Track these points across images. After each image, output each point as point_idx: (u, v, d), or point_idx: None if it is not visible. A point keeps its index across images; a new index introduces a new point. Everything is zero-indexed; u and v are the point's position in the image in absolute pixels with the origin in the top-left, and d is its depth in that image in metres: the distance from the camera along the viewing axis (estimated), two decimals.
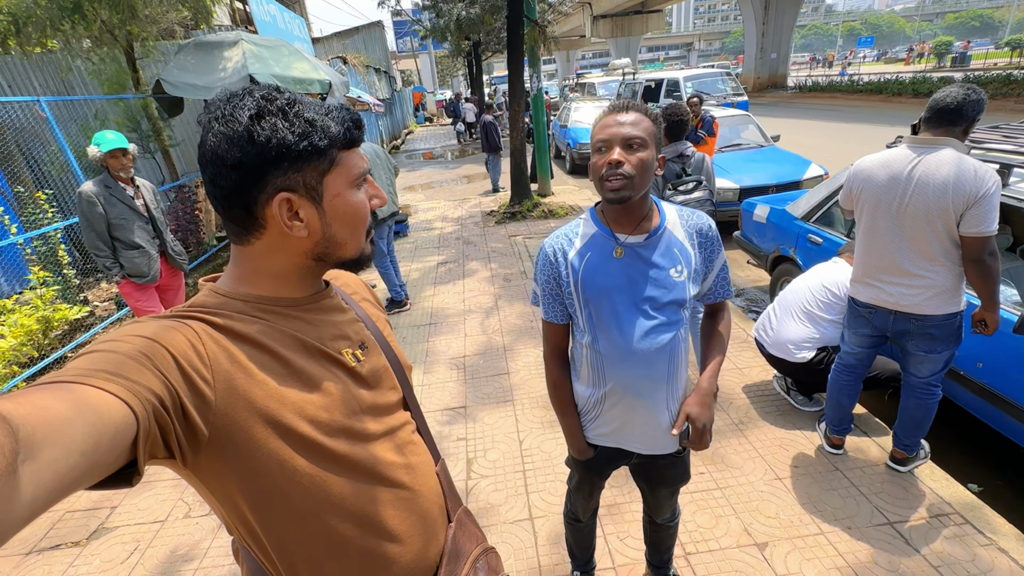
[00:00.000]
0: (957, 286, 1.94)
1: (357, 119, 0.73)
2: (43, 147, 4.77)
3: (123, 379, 0.51)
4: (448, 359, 3.66)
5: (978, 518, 2.04)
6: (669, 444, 1.36)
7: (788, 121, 15.18)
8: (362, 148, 4.38)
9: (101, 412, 0.47)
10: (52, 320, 3.42)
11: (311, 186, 0.68)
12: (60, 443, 0.42)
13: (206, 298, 0.70)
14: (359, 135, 0.73)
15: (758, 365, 3.19)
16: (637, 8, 33.32)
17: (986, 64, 26.68)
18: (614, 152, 1.13)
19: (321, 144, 0.67)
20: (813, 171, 5.83)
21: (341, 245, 0.73)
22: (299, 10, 17.95)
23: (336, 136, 0.69)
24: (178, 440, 0.57)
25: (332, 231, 0.72)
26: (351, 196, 0.72)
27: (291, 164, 0.66)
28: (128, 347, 0.56)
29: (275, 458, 0.65)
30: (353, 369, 0.77)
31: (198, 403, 0.59)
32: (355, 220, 0.73)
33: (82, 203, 2.86)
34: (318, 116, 0.67)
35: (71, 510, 2.53)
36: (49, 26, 4.72)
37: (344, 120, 0.70)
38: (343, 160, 0.71)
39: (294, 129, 0.65)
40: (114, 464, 0.49)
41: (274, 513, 0.68)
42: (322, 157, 0.68)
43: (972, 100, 1.83)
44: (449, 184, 10.72)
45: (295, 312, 0.74)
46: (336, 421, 0.71)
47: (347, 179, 0.71)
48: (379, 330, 0.88)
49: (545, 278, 1.32)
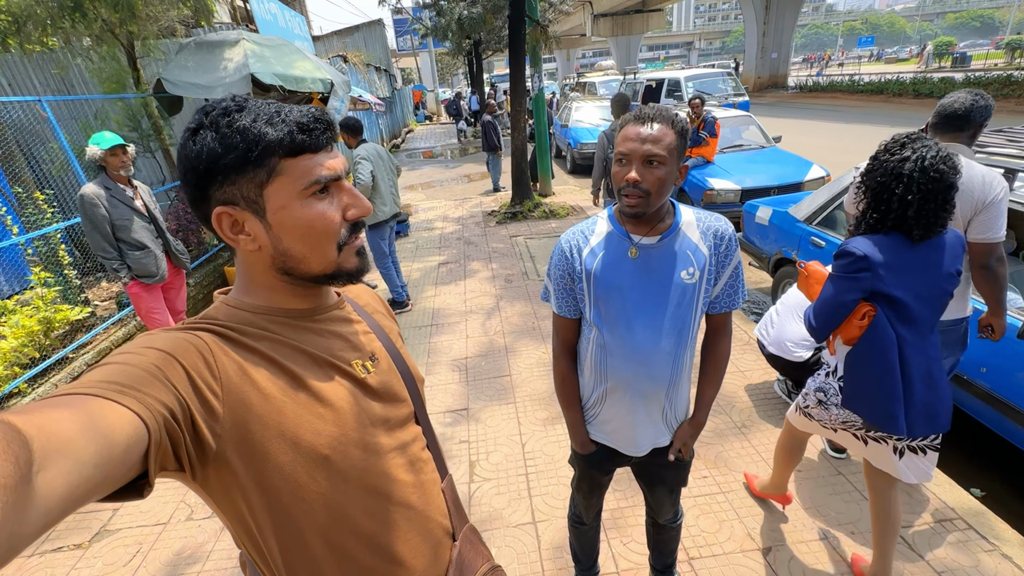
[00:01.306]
0: (964, 291, 1.93)
1: (309, 122, 0.65)
2: (43, 146, 4.75)
3: (136, 392, 0.52)
4: (450, 360, 3.65)
5: (982, 524, 2.04)
6: (661, 443, 1.40)
7: (789, 121, 15.16)
8: (364, 148, 4.30)
9: (113, 425, 0.47)
10: (53, 321, 3.41)
11: (250, 199, 0.65)
12: (73, 455, 0.43)
13: (217, 310, 0.70)
14: (305, 140, 0.65)
15: (760, 367, 3.19)
16: (638, 7, 33.23)
17: (986, 64, 26.65)
18: (632, 170, 1.13)
19: (250, 154, 0.62)
20: (815, 173, 5.82)
21: (300, 260, 0.68)
22: (299, 8, 17.90)
23: (273, 143, 0.63)
24: (188, 453, 0.57)
25: (283, 245, 0.67)
26: (301, 209, 0.66)
27: (224, 177, 0.63)
28: (141, 360, 0.56)
29: (281, 473, 0.65)
30: (363, 381, 0.76)
31: (207, 416, 0.59)
32: (309, 234, 0.67)
33: (84, 205, 2.85)
34: (255, 124, 0.63)
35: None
36: (50, 24, 4.70)
37: (289, 124, 0.64)
38: (286, 170, 0.64)
39: (224, 140, 0.62)
40: (126, 476, 0.49)
41: (279, 529, 0.67)
42: (257, 167, 0.63)
43: (981, 106, 1.83)
44: (450, 183, 10.71)
45: (304, 323, 0.73)
46: (345, 435, 0.70)
47: (293, 190, 0.65)
48: (391, 342, 0.87)
49: (559, 273, 1.33)
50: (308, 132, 0.65)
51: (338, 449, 0.69)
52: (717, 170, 6.00)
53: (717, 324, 1.38)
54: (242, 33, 5.11)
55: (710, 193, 5.74)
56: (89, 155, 2.85)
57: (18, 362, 3.14)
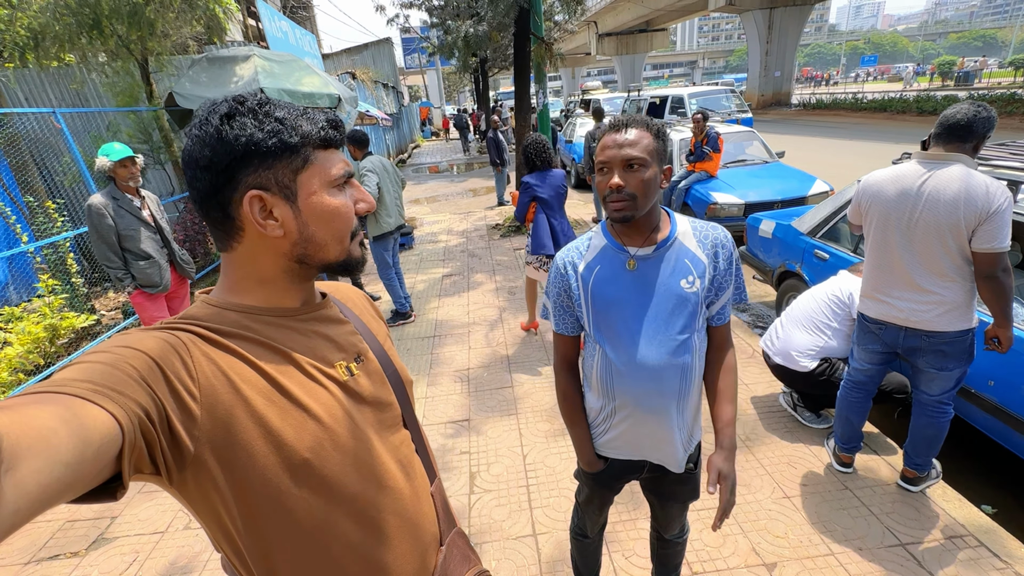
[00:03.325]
0: (969, 302, 1.92)
1: (334, 120, 0.71)
2: (56, 158, 4.84)
3: (110, 391, 0.51)
4: (452, 371, 3.64)
5: (993, 541, 1.99)
6: (677, 463, 1.34)
7: (792, 138, 15.24)
8: (370, 161, 4.38)
9: (87, 424, 0.46)
10: (59, 328, 3.44)
11: (284, 184, 0.67)
12: (44, 454, 0.42)
13: (198, 310, 0.69)
14: (335, 135, 0.71)
15: (764, 380, 3.16)
16: (642, 27, 33.81)
17: (990, 83, 26.78)
18: (614, 175, 1.13)
19: (291, 141, 0.66)
20: (818, 187, 5.83)
21: (321, 246, 0.71)
22: (310, 27, 18.32)
23: (308, 134, 0.68)
24: (164, 455, 0.56)
25: (309, 231, 0.70)
26: (328, 197, 0.70)
27: (261, 161, 0.65)
28: (116, 358, 0.55)
29: (261, 476, 0.63)
30: (346, 383, 0.74)
31: (184, 418, 0.58)
32: (334, 221, 0.71)
33: (91, 215, 2.90)
34: (290, 115, 0.67)
35: (72, 519, 2.52)
36: (67, 41, 4.84)
37: (318, 120, 0.70)
38: (318, 159, 0.69)
39: (263, 127, 0.65)
40: (99, 477, 0.48)
41: (259, 535, 0.66)
42: (293, 155, 0.67)
43: (983, 117, 1.83)
44: (455, 197, 10.79)
45: (288, 323, 0.73)
46: (327, 438, 0.68)
47: (323, 179, 0.70)
48: (379, 343, 0.86)
49: (557, 290, 1.32)
50: (336, 129, 0.72)
51: (320, 452, 0.67)
52: (721, 184, 6.03)
53: (720, 336, 1.34)
54: (253, 49, 5.23)
55: (714, 207, 5.76)
56: (99, 166, 2.91)
57: (23, 368, 3.16)
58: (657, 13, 33.72)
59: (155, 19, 4.65)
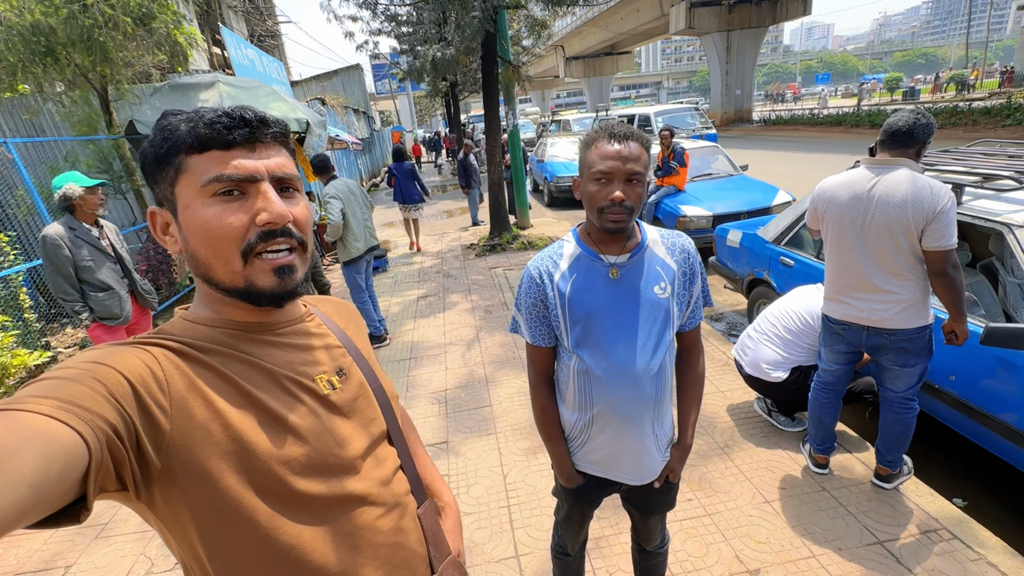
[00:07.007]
0: (924, 300, 1.99)
1: (212, 119, 0.61)
2: (9, 191, 4.66)
3: (75, 407, 0.48)
4: (429, 393, 3.58)
5: (966, 533, 2.03)
6: (655, 472, 1.35)
7: (755, 152, 15.81)
8: (333, 186, 4.36)
9: (51, 442, 0.43)
10: (9, 366, 3.26)
11: (167, 197, 0.65)
12: (5, 474, 0.39)
13: (173, 325, 0.68)
14: (208, 134, 0.61)
15: (739, 387, 3.19)
16: (607, 50, 34.93)
17: (934, 98, 28.42)
18: (617, 189, 1.13)
19: (160, 150, 0.62)
20: (781, 197, 6.04)
21: (205, 265, 0.64)
22: (279, 55, 18.32)
23: (180, 138, 0.61)
24: (132, 472, 0.54)
25: (191, 247, 0.64)
26: (200, 208, 0.62)
27: (149, 176, 0.65)
28: (82, 373, 0.52)
29: (231, 495, 0.60)
30: (326, 397, 0.71)
31: (152, 432, 0.55)
32: (208, 237, 0.62)
33: (46, 247, 2.78)
34: (175, 121, 0.62)
35: (19, 573, 2.34)
36: (20, 70, 4.71)
37: (195, 121, 0.61)
38: (191, 167, 0.62)
39: (150, 141, 0.64)
40: (63, 498, 0.45)
41: (230, 556, 0.62)
42: (167, 164, 0.62)
43: (922, 124, 1.93)
44: (429, 219, 10.78)
45: (264, 336, 0.70)
46: (304, 454, 0.66)
47: (195, 187, 0.62)
48: (363, 357, 0.83)
49: (531, 301, 1.29)
50: (211, 126, 0.61)
51: (295, 469, 0.64)
52: (689, 198, 6.18)
53: (690, 341, 1.38)
54: (217, 76, 5.19)
55: (683, 220, 5.89)
56: (67, 193, 2.79)
57: None
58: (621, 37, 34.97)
59: (107, 43, 4.56)
